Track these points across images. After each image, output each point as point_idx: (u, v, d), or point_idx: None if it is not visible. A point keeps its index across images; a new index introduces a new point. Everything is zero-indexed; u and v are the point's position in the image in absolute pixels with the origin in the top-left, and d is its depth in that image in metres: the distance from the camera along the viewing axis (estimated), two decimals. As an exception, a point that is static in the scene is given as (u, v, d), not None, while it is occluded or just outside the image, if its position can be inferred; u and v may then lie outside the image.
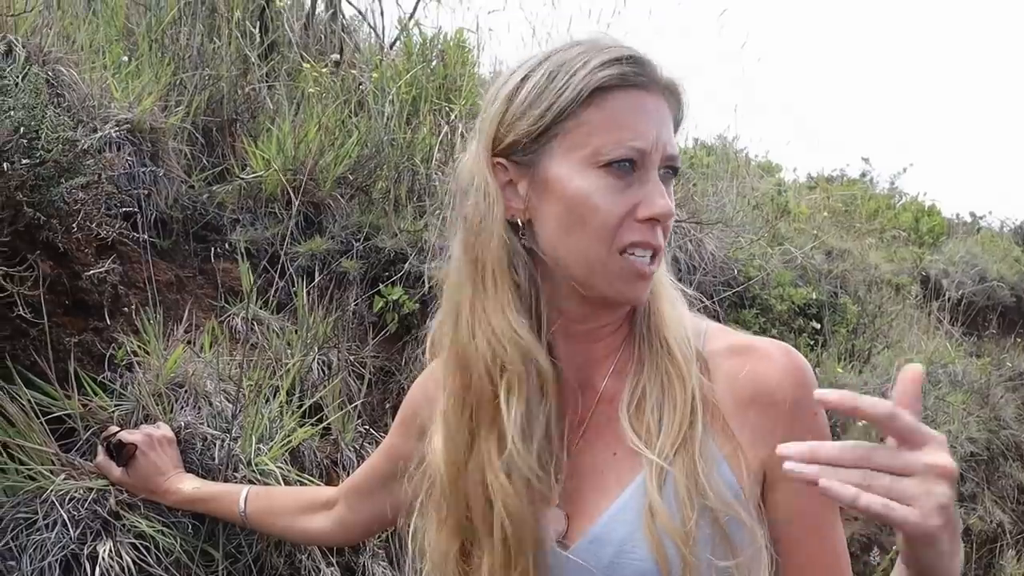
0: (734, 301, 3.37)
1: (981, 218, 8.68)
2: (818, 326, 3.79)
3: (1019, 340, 5.85)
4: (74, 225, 1.53)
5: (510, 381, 0.94)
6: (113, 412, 1.53)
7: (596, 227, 0.90)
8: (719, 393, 0.93)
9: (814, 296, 3.72)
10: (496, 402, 0.94)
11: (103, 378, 1.57)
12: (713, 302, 2.90)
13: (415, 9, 3.33)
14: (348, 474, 1.69)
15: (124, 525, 1.39)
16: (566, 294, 0.96)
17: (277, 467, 1.57)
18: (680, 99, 0.96)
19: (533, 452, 0.93)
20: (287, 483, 1.58)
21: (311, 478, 1.69)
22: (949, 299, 5.30)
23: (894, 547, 2.96)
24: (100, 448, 1.44)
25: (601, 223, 0.89)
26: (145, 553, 1.37)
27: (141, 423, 1.52)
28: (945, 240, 6.77)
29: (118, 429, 1.45)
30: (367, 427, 1.92)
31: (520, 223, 0.95)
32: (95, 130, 1.83)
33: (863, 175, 8.16)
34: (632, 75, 0.90)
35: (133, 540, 1.38)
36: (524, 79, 0.93)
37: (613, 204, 0.89)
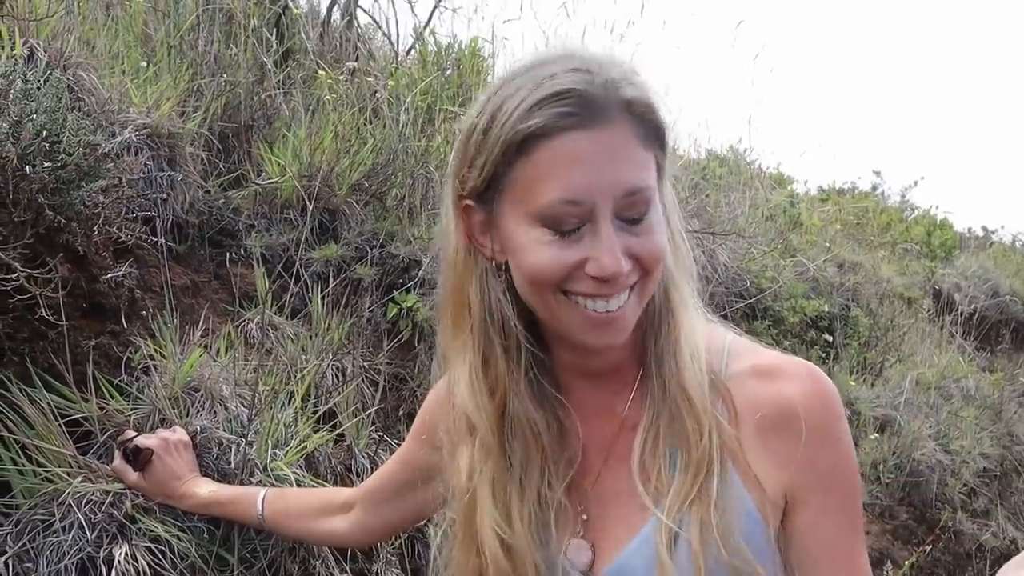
0: (746, 312, 3.36)
1: (993, 232, 8.67)
2: (830, 338, 3.78)
3: (1032, 355, 5.81)
4: (94, 228, 1.53)
5: (480, 444, 0.95)
6: (130, 415, 1.53)
7: (543, 283, 0.86)
8: (741, 417, 0.90)
9: (826, 308, 3.72)
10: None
11: (120, 381, 1.58)
12: (725, 313, 2.89)
13: (430, 18, 3.35)
14: (362, 480, 1.69)
15: (140, 529, 1.39)
16: (551, 337, 0.95)
17: (292, 472, 1.57)
18: (648, 111, 0.86)
19: (506, 511, 0.93)
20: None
21: (325, 483, 1.69)
22: (961, 313, 5.28)
23: (907, 562, 2.95)
24: (117, 453, 1.44)
25: (547, 279, 0.85)
26: (160, 557, 1.37)
27: (157, 427, 1.52)
28: (957, 254, 6.75)
29: (135, 434, 1.46)
30: (381, 433, 1.92)
31: (499, 265, 0.91)
32: (114, 134, 1.84)
33: (874, 188, 8.16)
34: (562, 117, 0.81)
35: (148, 544, 1.38)
36: (474, 122, 0.88)
37: (556, 261, 0.84)
